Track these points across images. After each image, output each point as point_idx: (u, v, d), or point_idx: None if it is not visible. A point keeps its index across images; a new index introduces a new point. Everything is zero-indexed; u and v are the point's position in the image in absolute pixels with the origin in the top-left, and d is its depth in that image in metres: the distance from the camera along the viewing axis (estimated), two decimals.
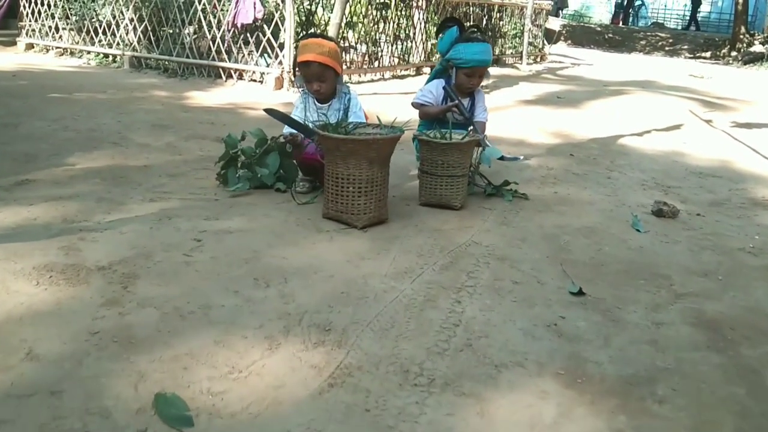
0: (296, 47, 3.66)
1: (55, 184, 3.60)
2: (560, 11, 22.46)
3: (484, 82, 4.14)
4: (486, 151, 3.98)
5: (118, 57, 9.37)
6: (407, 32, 10.18)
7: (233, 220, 3.20)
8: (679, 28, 28.02)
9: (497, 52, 12.81)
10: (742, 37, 19.36)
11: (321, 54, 3.56)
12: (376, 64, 9.62)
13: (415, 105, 4.22)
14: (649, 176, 4.90)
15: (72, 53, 10.03)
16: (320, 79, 3.65)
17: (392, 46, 9.94)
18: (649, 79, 11.72)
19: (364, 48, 9.41)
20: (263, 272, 2.64)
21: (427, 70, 10.43)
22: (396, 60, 10.01)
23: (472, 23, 4.49)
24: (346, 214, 3.22)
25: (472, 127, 3.97)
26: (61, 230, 2.91)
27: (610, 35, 24.07)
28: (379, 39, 9.69)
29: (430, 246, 3.10)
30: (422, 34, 10.38)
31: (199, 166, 4.16)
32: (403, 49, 10.16)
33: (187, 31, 8.61)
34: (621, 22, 28.49)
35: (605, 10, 31.39)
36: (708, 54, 20.13)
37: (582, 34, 23.37)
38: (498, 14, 12.77)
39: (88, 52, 9.78)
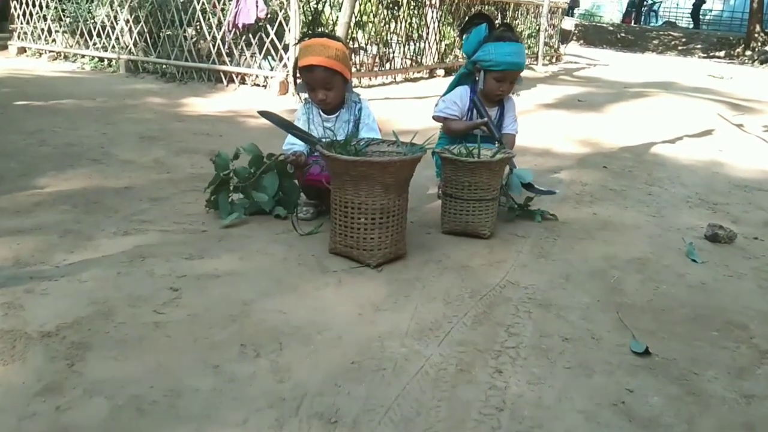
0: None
1: (16, 214, 3.07)
2: (573, 10, 22.08)
3: (514, 89, 3.59)
4: (514, 174, 3.44)
5: (114, 61, 8.89)
6: (420, 32, 9.68)
7: (221, 259, 2.67)
8: (691, 27, 27.67)
9: None
10: (756, 35, 19.04)
11: (327, 57, 3.03)
12: (387, 66, 9.13)
13: (437, 118, 3.69)
14: (692, 191, 4.41)
15: (66, 57, 9.55)
16: (326, 86, 3.11)
17: (404, 47, 9.43)
18: (669, 80, 11.33)
19: (374, 49, 8.93)
20: (253, 335, 2.10)
21: (441, 72, 9.96)
22: (408, 62, 9.51)
23: (502, 22, 3.86)
24: (357, 249, 2.69)
25: (498, 142, 3.45)
26: (7, 278, 2.38)
27: (623, 35, 23.78)
28: (391, 39, 9.21)
29: (458, 289, 2.56)
30: (435, 34, 9.88)
31: (188, 187, 3.64)
32: (416, 50, 9.66)
33: (185, 33, 8.10)
34: (633, 22, 28.07)
35: (615, 9, 31.04)
36: (722, 53, 19.82)
37: (594, 34, 23.05)
38: (513, 13, 12.25)
39: (83, 56, 9.31)
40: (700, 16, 28.31)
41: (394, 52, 9.24)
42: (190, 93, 7.33)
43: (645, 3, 29.58)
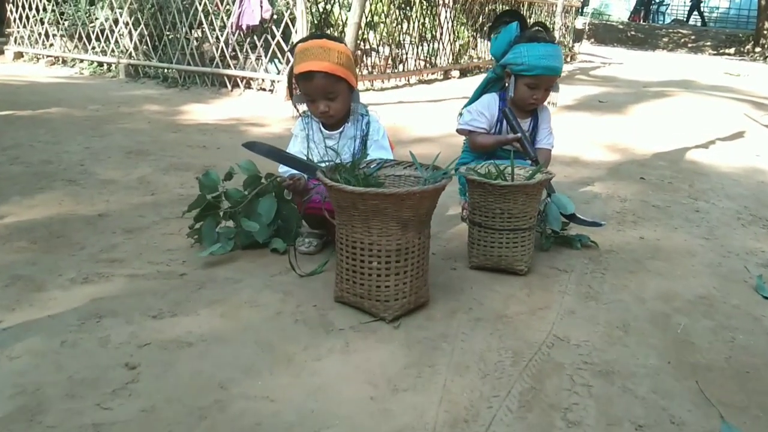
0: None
1: None
2: (583, 8, 21.75)
3: (550, 97, 3.07)
4: (553, 201, 2.91)
5: (113, 65, 8.44)
6: (433, 33, 9.23)
7: (199, 317, 2.15)
8: (699, 24, 27.34)
9: None
10: (766, 32, 18.64)
11: (328, 61, 2.51)
12: (400, 68, 8.64)
13: (461, 132, 3.17)
14: (740, 204, 3.92)
15: (64, 62, 9.12)
16: (328, 96, 2.59)
17: (417, 47, 8.97)
18: (686, 78, 10.87)
19: (386, 50, 8.48)
20: None
21: (455, 73, 9.46)
22: (422, 63, 9.03)
23: (535, 21, 3.30)
24: (369, 300, 2.17)
25: (534, 161, 2.94)
26: None
27: (633, 33, 23.42)
28: (403, 40, 8.75)
29: (496, 353, 2.03)
30: (449, 35, 9.47)
31: (171, 213, 3.14)
32: (429, 51, 9.20)
33: (188, 35, 7.63)
34: (641, 19, 27.70)
35: (624, 7, 30.73)
36: (732, 50, 19.38)
37: (604, 32, 22.72)
38: (527, 12, 11.74)
39: (81, 61, 8.89)
40: (694, 15, 28.13)
41: (407, 54, 8.79)
42: (192, 99, 6.87)
43: (654, 1, 29.24)
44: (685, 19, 28.42)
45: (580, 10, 17.61)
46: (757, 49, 18.20)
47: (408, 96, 7.57)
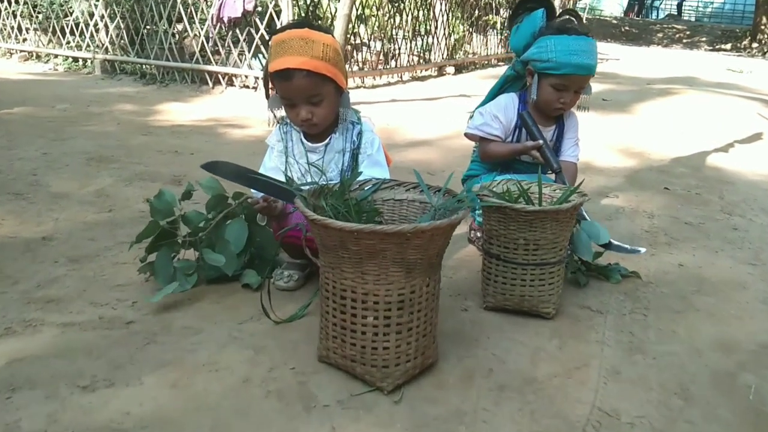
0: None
1: None
2: (576, 3, 21.44)
3: (580, 101, 2.59)
4: (583, 229, 2.39)
5: (89, 61, 7.93)
6: (427, 27, 8.79)
7: (142, 386, 1.66)
8: (693, 19, 27.16)
9: None
10: (763, 27, 18.31)
11: (311, 57, 2.02)
12: (392, 63, 8.19)
13: (471, 137, 2.69)
14: None
15: (39, 57, 8.60)
16: (311, 100, 2.10)
17: (411, 42, 8.56)
18: (689, 75, 10.39)
19: (378, 45, 8.05)
20: None
21: (450, 69, 8.99)
22: (415, 59, 8.58)
23: (565, 9, 2.78)
24: (363, 365, 1.68)
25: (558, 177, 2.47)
26: None
27: (627, 28, 23.14)
28: (396, 35, 8.30)
29: None
30: (444, 29, 9.03)
31: (128, 236, 2.64)
32: (423, 46, 8.78)
33: (168, 29, 7.13)
34: (635, 14, 27.42)
35: (616, 2, 30.53)
36: (728, 46, 19.01)
37: (598, 27, 22.48)
38: None
39: (56, 56, 8.38)
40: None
41: (399, 49, 8.35)
42: (170, 97, 6.39)
43: None
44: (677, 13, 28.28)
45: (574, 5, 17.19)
46: (755, 45, 17.87)
47: (401, 94, 7.10)
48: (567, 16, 2.53)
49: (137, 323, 1.98)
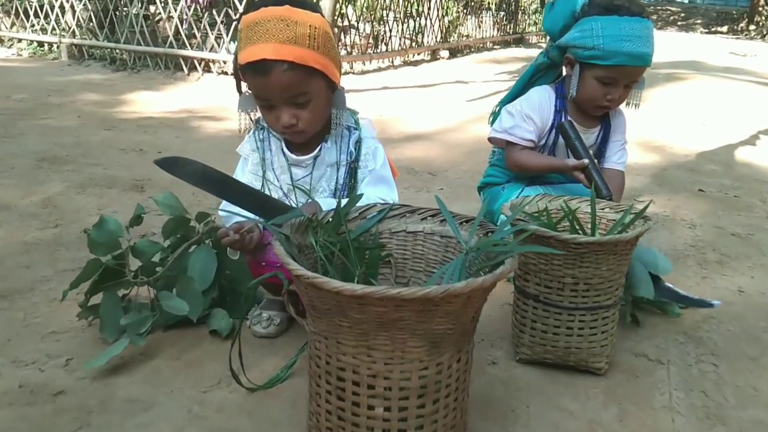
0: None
1: None
2: None
3: (631, 96, 2.11)
4: (636, 258, 1.87)
5: (55, 46, 7.38)
6: (419, 8, 8.33)
7: None
8: (687, 0, 26.78)
9: (518, 29, 10.92)
10: (761, 9, 17.90)
11: (294, 44, 1.52)
12: (383, 47, 7.73)
13: (495, 141, 2.20)
14: None
15: (1, 42, 8.02)
16: (295, 100, 1.60)
17: (402, 24, 8.10)
18: (693, 59, 9.94)
19: (367, 28, 7.62)
20: None
21: (444, 53, 8.52)
22: (407, 42, 8.12)
23: None
24: None
25: (601, 186, 1.99)
26: None
27: None
28: (386, 16, 7.85)
29: None
30: (438, 10, 8.58)
31: (72, 261, 2.17)
32: (416, 29, 8.32)
33: (140, 11, 6.61)
34: None
35: None
36: (725, 29, 18.57)
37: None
38: None
39: (19, 41, 7.81)
40: None
41: (390, 31, 7.90)
42: (141, 85, 5.88)
43: None
44: None
45: None
46: (752, 27, 17.47)
47: (393, 80, 6.62)
48: None
49: (68, 394, 1.50)
